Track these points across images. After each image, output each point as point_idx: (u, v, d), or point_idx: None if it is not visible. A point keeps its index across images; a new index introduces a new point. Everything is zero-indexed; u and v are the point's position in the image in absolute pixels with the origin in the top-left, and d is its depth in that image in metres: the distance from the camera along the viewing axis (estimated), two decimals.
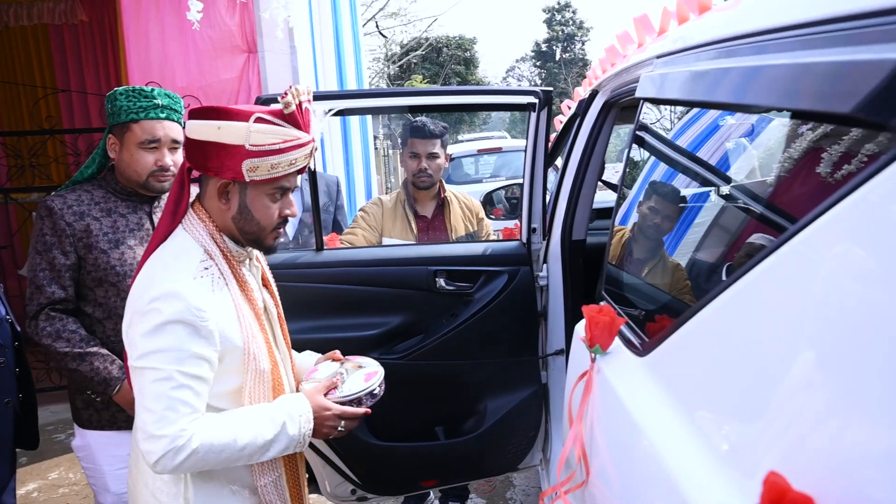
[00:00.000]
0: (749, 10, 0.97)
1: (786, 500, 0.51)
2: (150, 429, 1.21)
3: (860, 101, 0.57)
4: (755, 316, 0.70)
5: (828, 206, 0.61)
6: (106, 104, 1.82)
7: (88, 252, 1.79)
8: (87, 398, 1.86)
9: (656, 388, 0.91)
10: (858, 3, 0.66)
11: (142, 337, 1.22)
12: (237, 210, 1.33)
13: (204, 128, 1.27)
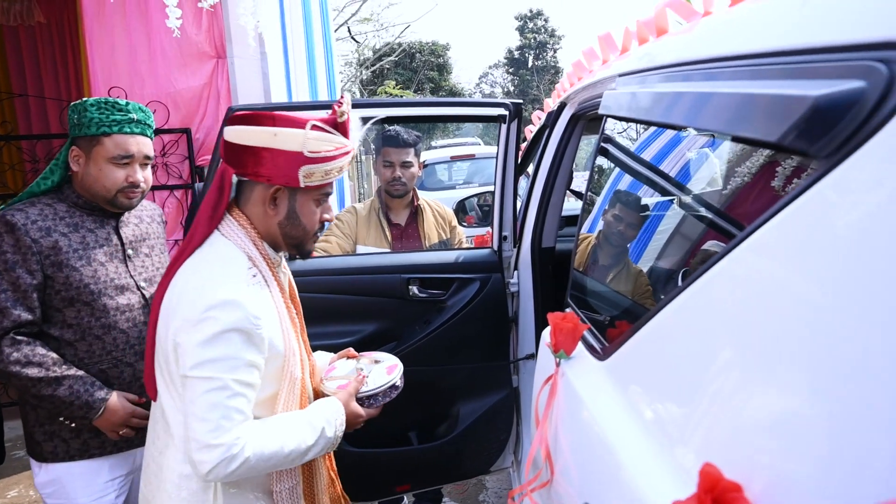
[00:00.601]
0: (699, 38, 1.04)
1: (718, 488, 0.58)
2: (205, 438, 1.20)
3: (785, 131, 0.64)
4: (699, 321, 0.77)
5: (763, 221, 0.68)
6: (70, 114, 1.72)
7: (58, 270, 1.66)
8: (50, 430, 1.72)
9: (614, 391, 0.97)
10: (788, 40, 0.73)
11: (197, 346, 1.21)
12: (285, 215, 1.35)
13: (258, 134, 1.28)
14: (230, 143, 1.32)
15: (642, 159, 1.42)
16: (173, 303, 1.28)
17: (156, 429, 1.41)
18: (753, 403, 0.62)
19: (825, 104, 0.60)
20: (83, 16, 4.23)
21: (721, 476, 0.59)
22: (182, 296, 1.27)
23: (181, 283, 1.30)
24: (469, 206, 4.03)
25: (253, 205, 1.35)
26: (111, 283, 1.73)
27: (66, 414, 1.68)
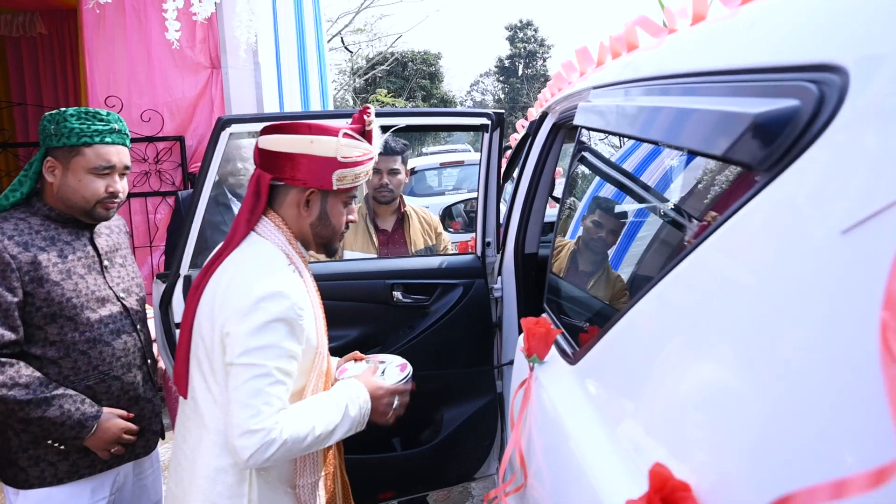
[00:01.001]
0: (661, 56, 1.09)
1: (668, 488, 0.61)
2: (246, 424, 1.27)
3: (730, 146, 0.68)
4: (655, 326, 0.80)
5: (712, 230, 0.71)
6: (45, 125, 1.67)
7: (38, 286, 1.60)
8: (35, 454, 1.65)
9: (582, 395, 1.01)
10: (736, 60, 0.77)
11: (246, 335, 1.29)
12: (317, 217, 1.46)
13: (296, 142, 1.38)
14: (268, 151, 1.41)
15: (615, 168, 1.46)
16: (219, 298, 1.35)
17: (187, 426, 1.45)
18: (703, 406, 0.66)
19: (764, 121, 0.64)
20: (83, 28, 4.32)
21: (671, 476, 0.62)
22: (229, 290, 1.34)
23: (226, 280, 1.37)
24: (455, 211, 4.07)
25: (288, 207, 1.45)
26: (92, 295, 1.69)
27: (55, 436, 1.62)
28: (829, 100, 0.57)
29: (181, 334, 1.46)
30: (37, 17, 5.26)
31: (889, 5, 0.55)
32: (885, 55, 0.53)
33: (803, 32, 0.66)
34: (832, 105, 0.57)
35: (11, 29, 5.22)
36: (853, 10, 0.60)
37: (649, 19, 1.36)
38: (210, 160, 2.11)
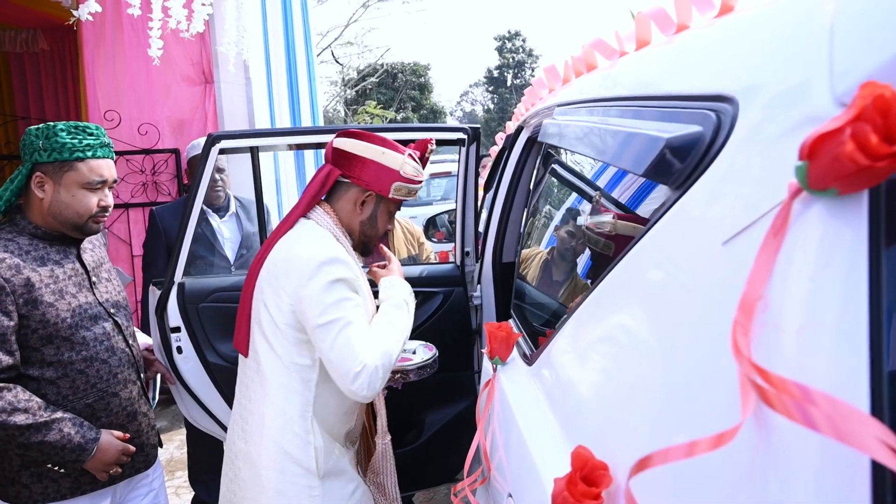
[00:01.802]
0: (608, 79, 1.18)
1: (588, 467, 0.69)
2: (354, 368, 1.42)
3: (649, 165, 0.76)
4: (587, 328, 0.88)
5: (637, 240, 0.80)
6: (32, 140, 1.64)
7: (33, 308, 1.57)
8: (38, 471, 1.63)
9: (536, 391, 1.09)
10: (661, 87, 0.86)
11: (318, 295, 1.46)
12: (367, 217, 1.65)
13: (370, 149, 1.60)
14: (344, 151, 1.61)
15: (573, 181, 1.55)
16: (280, 267, 1.52)
17: (250, 386, 1.59)
18: (616, 396, 0.74)
19: (673, 145, 0.72)
20: (83, 45, 4.43)
21: (591, 456, 0.70)
22: (290, 261, 1.51)
23: (284, 252, 1.54)
24: (440, 222, 4.16)
25: (344, 202, 1.64)
26: (85, 313, 1.68)
27: (55, 460, 1.60)
28: (724, 126, 0.66)
29: (242, 304, 1.62)
30: (39, 33, 5.42)
31: (764, 42, 0.64)
32: (763, 84, 0.62)
33: (707, 65, 0.75)
34: (725, 132, 0.66)
35: (15, 45, 5.39)
36: (740, 46, 0.69)
37: (604, 42, 1.45)
38: (201, 174, 2.19)
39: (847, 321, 0.43)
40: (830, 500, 0.41)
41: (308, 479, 1.53)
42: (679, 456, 0.50)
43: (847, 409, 0.38)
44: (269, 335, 1.53)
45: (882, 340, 0.42)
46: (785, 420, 0.42)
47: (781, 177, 0.51)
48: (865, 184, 0.44)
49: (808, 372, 0.44)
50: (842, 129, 0.42)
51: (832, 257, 0.46)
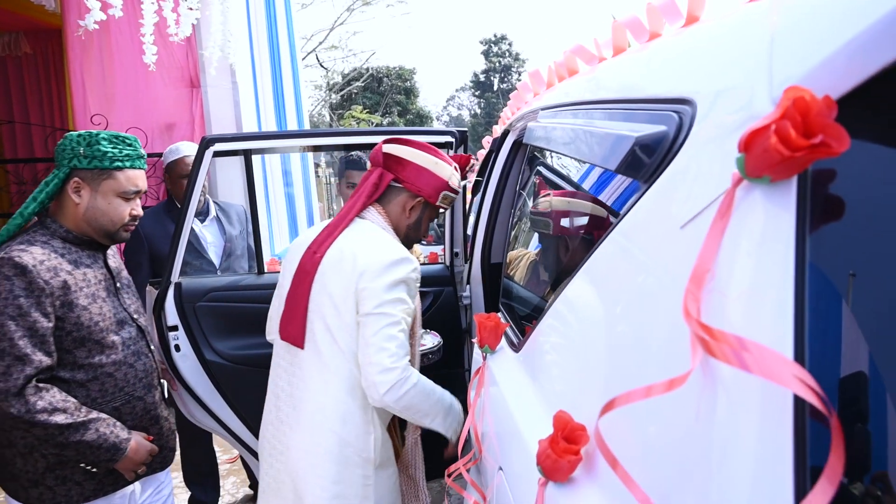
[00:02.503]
0: (586, 84, 1.27)
1: (568, 428, 0.77)
2: (385, 362, 1.49)
3: (620, 162, 0.85)
4: (565, 316, 0.97)
5: (608, 232, 0.88)
6: (73, 145, 1.67)
7: (69, 310, 1.61)
8: (62, 474, 1.65)
9: (522, 374, 1.17)
10: (634, 91, 0.95)
11: (381, 290, 1.53)
12: (414, 221, 1.76)
13: (425, 158, 1.71)
14: (397, 157, 1.70)
15: (556, 185, 1.64)
16: (347, 261, 1.58)
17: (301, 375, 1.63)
18: (594, 373, 0.82)
19: (642, 143, 0.81)
20: (68, 48, 4.43)
21: (571, 419, 0.78)
22: (358, 254, 1.58)
23: (350, 246, 1.61)
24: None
25: (395, 205, 1.73)
26: (114, 318, 1.72)
27: (90, 459, 1.63)
28: (685, 126, 0.75)
29: (297, 296, 1.65)
30: (21, 36, 5.41)
31: (718, 52, 0.73)
32: (716, 89, 0.71)
33: (672, 71, 0.84)
34: (685, 130, 0.74)
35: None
36: (699, 55, 0.78)
37: (585, 48, 1.55)
38: (196, 177, 2.25)
39: (778, 286, 0.52)
40: (762, 425, 0.50)
41: (364, 469, 1.60)
42: (639, 397, 0.59)
43: (771, 354, 0.47)
44: (334, 328, 1.58)
45: (804, 300, 0.50)
46: (725, 366, 0.51)
47: (728, 168, 0.60)
48: (791, 172, 0.52)
49: (745, 327, 0.52)
50: (769, 126, 0.50)
51: (767, 235, 0.55)
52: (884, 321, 0.51)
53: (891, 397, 0.49)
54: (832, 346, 0.51)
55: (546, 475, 0.80)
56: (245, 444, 2.52)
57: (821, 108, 0.50)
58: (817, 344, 0.50)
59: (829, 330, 0.52)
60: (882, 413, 0.50)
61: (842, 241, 0.53)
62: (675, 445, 0.62)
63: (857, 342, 0.52)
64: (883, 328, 0.51)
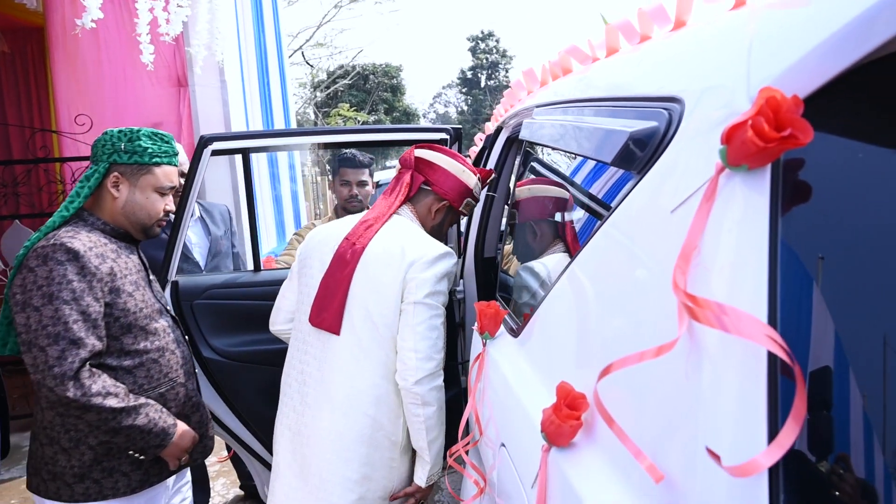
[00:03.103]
0: (580, 82, 1.35)
1: (570, 397, 0.85)
2: (427, 351, 1.62)
3: (616, 155, 0.93)
4: (563, 302, 1.05)
5: (603, 221, 0.96)
6: (114, 141, 1.70)
7: (117, 296, 1.63)
8: (109, 465, 1.66)
9: (522, 357, 1.25)
10: (627, 90, 1.03)
11: (430, 281, 1.65)
12: (438, 223, 1.90)
13: (454, 165, 1.87)
14: (429, 161, 1.86)
15: (558, 174, 1.72)
16: (395, 253, 1.69)
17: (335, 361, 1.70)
18: (590, 350, 0.90)
19: (635, 137, 0.89)
20: (51, 48, 4.41)
21: (572, 388, 0.86)
22: (406, 247, 1.70)
23: (395, 239, 1.73)
24: None
25: (422, 206, 1.87)
26: (153, 306, 1.76)
27: (140, 445, 1.64)
28: (674, 122, 0.83)
29: (335, 284, 1.72)
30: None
31: (703, 55, 0.81)
32: (702, 88, 0.79)
33: (662, 72, 0.92)
34: (675, 126, 0.82)
35: None
36: (686, 58, 0.86)
37: (579, 48, 1.63)
38: (193, 176, 2.30)
39: (754, 258, 0.60)
40: (740, 379, 0.58)
41: (392, 452, 1.70)
42: (633, 362, 0.67)
43: (746, 317, 0.55)
44: (375, 314, 1.67)
45: (777, 270, 0.59)
46: (708, 333, 0.59)
47: (712, 159, 0.68)
48: (766, 160, 0.61)
49: (727, 294, 0.61)
50: (746, 121, 0.58)
51: (745, 215, 0.63)
52: (843, 288, 0.60)
53: (849, 351, 0.58)
54: (802, 309, 0.59)
55: (550, 441, 0.88)
56: (241, 441, 2.57)
57: (790, 105, 0.58)
58: (787, 307, 0.58)
59: (799, 295, 0.60)
60: (843, 367, 0.58)
61: (809, 220, 0.62)
62: (664, 403, 0.70)
63: (823, 306, 0.60)
64: (843, 294, 0.60)
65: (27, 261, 1.56)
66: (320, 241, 1.84)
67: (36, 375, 1.51)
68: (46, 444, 1.63)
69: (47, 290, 1.53)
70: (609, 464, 0.81)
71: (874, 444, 0.57)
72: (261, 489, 2.69)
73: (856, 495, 0.56)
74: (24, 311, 1.53)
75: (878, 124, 0.66)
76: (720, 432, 0.60)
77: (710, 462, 0.58)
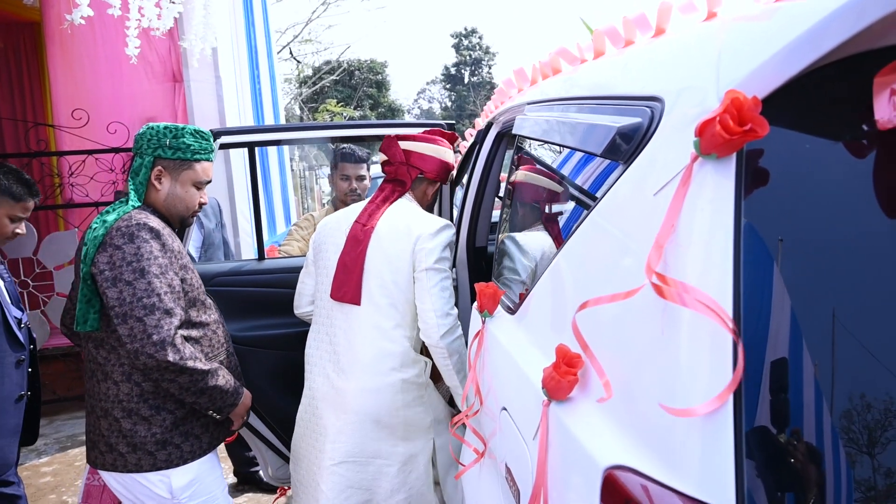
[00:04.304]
0: (568, 82, 1.48)
1: (568, 356, 0.98)
2: (444, 308, 1.91)
3: (604, 147, 1.06)
4: (557, 278, 1.18)
5: (593, 207, 1.09)
6: (160, 137, 1.79)
7: (186, 272, 1.78)
8: (184, 429, 1.78)
9: (519, 332, 1.38)
10: (614, 90, 1.16)
11: (437, 249, 1.94)
12: (430, 198, 2.23)
13: (437, 150, 2.15)
14: (419, 153, 2.12)
15: (546, 168, 1.84)
16: (402, 229, 1.97)
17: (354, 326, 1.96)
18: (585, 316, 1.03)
19: (622, 132, 1.02)
20: (47, 42, 4.46)
21: (569, 349, 0.99)
22: (411, 224, 1.98)
23: (400, 218, 2.02)
24: None
25: (418, 191, 2.18)
26: (202, 285, 1.90)
27: (218, 405, 1.78)
28: (655, 118, 0.96)
29: (351, 260, 1.96)
30: None
31: (680, 59, 0.94)
32: (679, 89, 0.92)
33: (645, 74, 1.05)
34: (657, 121, 0.95)
35: None
36: (667, 61, 0.99)
37: (568, 50, 1.75)
38: None
39: (723, 231, 0.74)
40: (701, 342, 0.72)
41: (419, 391, 1.98)
42: (605, 301, 0.81)
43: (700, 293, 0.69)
44: (389, 283, 1.93)
45: (741, 241, 0.72)
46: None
47: (688, 149, 0.81)
48: (731, 150, 0.74)
49: (700, 262, 0.74)
50: (715, 118, 0.71)
51: (715, 196, 0.76)
52: (797, 255, 0.73)
53: (801, 311, 0.71)
54: (762, 272, 0.73)
55: (550, 395, 1.01)
56: (248, 424, 2.68)
57: (750, 105, 0.71)
58: (749, 270, 0.72)
59: (759, 261, 0.73)
60: (796, 326, 0.71)
61: (767, 199, 0.75)
62: (635, 343, 0.84)
63: (779, 275, 0.73)
64: (797, 260, 0.73)
65: (111, 239, 1.66)
66: (332, 227, 2.05)
67: (134, 345, 1.62)
68: (122, 417, 1.73)
69: (137, 266, 1.64)
70: (601, 413, 0.94)
71: (823, 398, 0.71)
72: (264, 471, 2.80)
73: (805, 452, 0.69)
74: (115, 286, 1.64)
75: (825, 121, 0.79)
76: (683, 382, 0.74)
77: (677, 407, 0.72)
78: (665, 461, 0.75)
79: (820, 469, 0.67)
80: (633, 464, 0.79)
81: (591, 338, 0.94)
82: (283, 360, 2.48)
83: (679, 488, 0.72)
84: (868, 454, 0.67)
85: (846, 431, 0.68)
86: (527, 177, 1.94)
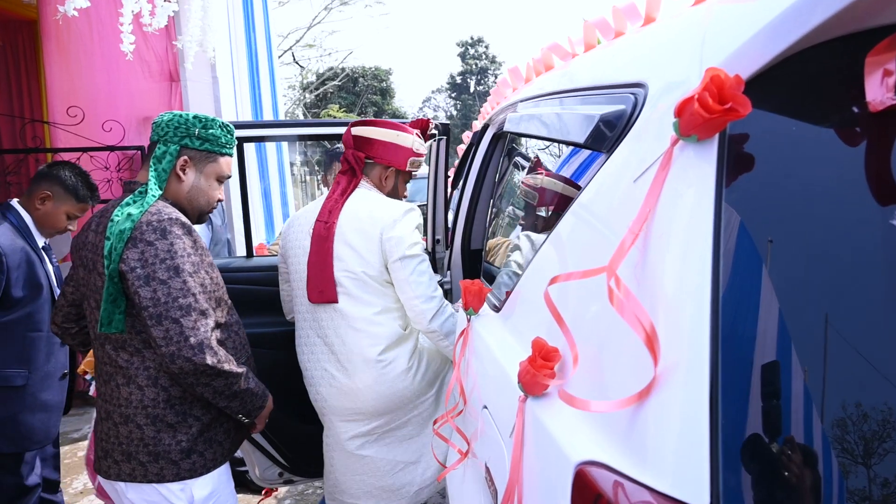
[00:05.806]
0: (558, 77, 1.45)
1: (544, 349, 0.94)
2: (427, 292, 1.89)
3: (587, 136, 1.03)
4: (535, 277, 1.15)
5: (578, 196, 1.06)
6: (190, 126, 1.67)
7: (212, 270, 1.67)
8: (208, 436, 1.67)
9: (503, 328, 1.34)
10: (600, 79, 1.13)
11: (406, 235, 1.89)
12: (391, 187, 2.10)
13: (387, 134, 2.03)
14: (364, 137, 2.03)
15: (538, 167, 1.82)
16: (364, 219, 1.92)
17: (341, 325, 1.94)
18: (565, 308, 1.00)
19: (605, 119, 0.99)
20: (43, 40, 4.44)
21: (546, 343, 0.96)
22: (373, 211, 1.93)
23: (361, 208, 1.95)
24: None
25: (373, 177, 2.08)
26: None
27: (249, 407, 1.69)
28: (639, 104, 0.93)
29: (320, 259, 1.93)
30: None
31: (664, 45, 0.91)
32: (662, 73, 0.89)
33: (631, 60, 1.02)
34: (639, 108, 0.92)
35: None
36: (651, 47, 0.96)
37: (560, 45, 1.73)
38: None
39: (703, 215, 0.70)
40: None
41: (413, 360, 1.99)
42: (571, 278, 0.78)
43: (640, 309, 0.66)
44: (360, 274, 1.90)
45: (720, 224, 0.69)
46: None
47: (668, 133, 0.78)
48: (712, 131, 0.70)
49: (681, 243, 0.71)
50: (693, 96, 0.68)
51: (695, 180, 0.73)
52: (781, 243, 0.70)
53: (779, 288, 0.68)
54: (743, 260, 0.69)
55: (526, 391, 0.98)
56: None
57: (732, 83, 0.68)
58: (729, 258, 0.68)
59: (740, 249, 0.70)
60: (773, 304, 0.68)
61: (751, 185, 0.72)
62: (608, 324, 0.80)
63: (762, 259, 0.70)
64: (781, 249, 0.70)
65: (142, 234, 1.53)
66: (295, 230, 2.02)
67: (170, 347, 1.50)
68: (146, 424, 1.60)
69: (171, 263, 1.53)
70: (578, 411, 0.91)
71: (800, 392, 0.67)
72: (252, 472, 2.75)
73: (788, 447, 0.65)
74: (148, 285, 1.51)
75: (813, 104, 0.76)
76: None
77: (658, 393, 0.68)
78: (639, 457, 0.72)
79: (796, 464, 0.63)
80: (605, 460, 0.75)
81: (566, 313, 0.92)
82: (269, 358, 2.44)
83: (652, 485, 0.68)
84: (845, 450, 0.63)
85: (824, 427, 0.65)
86: (521, 175, 1.91)
